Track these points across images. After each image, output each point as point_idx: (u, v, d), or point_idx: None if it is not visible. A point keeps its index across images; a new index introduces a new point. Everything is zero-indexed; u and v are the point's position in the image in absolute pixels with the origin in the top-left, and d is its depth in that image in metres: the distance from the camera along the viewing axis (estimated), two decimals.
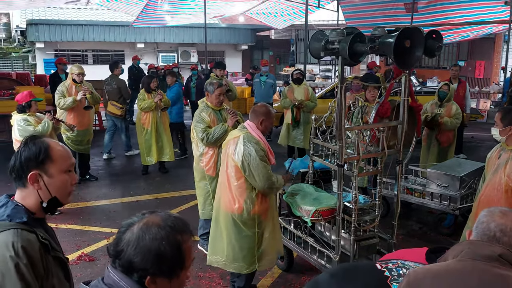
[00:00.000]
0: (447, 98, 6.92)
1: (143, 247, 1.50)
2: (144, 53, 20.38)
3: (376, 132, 4.30)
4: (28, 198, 1.95)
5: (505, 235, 1.80)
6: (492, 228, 1.83)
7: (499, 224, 1.82)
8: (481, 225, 1.87)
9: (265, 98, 10.63)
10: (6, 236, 1.81)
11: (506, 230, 1.81)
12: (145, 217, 1.57)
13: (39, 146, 1.93)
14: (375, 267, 1.99)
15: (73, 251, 5.31)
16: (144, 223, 1.54)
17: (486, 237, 1.83)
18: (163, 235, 1.52)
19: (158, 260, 1.51)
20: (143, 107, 8.03)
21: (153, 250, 1.50)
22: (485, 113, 13.93)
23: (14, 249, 1.78)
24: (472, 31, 13.33)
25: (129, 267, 1.51)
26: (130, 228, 1.55)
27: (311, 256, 4.51)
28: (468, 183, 5.65)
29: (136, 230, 1.53)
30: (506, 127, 3.82)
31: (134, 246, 1.50)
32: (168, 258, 1.52)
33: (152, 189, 7.76)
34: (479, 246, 1.81)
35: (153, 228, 1.53)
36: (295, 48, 26.30)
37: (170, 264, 1.54)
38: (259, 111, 4.04)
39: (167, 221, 1.57)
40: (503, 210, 1.90)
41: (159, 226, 1.54)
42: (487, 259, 1.75)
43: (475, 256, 1.77)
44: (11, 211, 1.89)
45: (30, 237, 1.85)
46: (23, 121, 5.99)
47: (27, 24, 18.81)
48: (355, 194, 4.08)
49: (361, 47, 3.54)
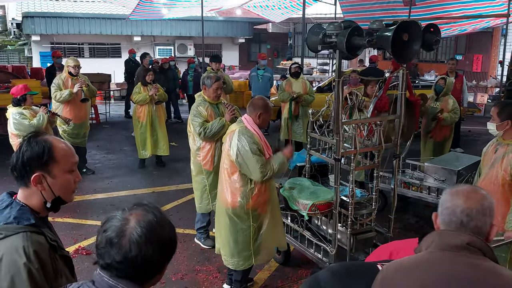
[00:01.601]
0: (443, 92, 6.92)
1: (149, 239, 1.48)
2: (140, 46, 20.27)
3: (373, 126, 4.30)
4: (32, 198, 1.89)
5: (472, 219, 1.75)
6: (458, 214, 1.77)
7: (464, 209, 1.76)
8: (447, 211, 1.81)
9: (262, 92, 10.59)
10: (16, 240, 1.76)
11: (472, 213, 1.75)
12: (128, 216, 1.53)
13: (42, 146, 1.86)
14: (377, 267, 1.97)
15: (70, 245, 5.31)
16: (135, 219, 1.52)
17: (454, 224, 1.78)
18: (149, 237, 1.50)
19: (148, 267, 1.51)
20: (138, 100, 8.00)
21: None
22: (482, 107, 13.96)
23: (26, 254, 1.73)
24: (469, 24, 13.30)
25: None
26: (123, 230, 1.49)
27: (308, 250, 4.51)
28: (465, 177, 5.66)
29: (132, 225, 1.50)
30: (503, 122, 3.81)
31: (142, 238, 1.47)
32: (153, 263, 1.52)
33: (149, 182, 7.75)
34: (447, 235, 1.77)
35: (134, 232, 1.49)
36: (292, 42, 26.23)
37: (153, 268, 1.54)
38: (257, 104, 4.02)
39: (146, 220, 1.52)
40: (466, 192, 1.82)
41: (143, 226, 1.50)
42: (456, 249, 1.72)
43: (444, 247, 1.74)
44: (17, 213, 1.83)
45: (40, 239, 1.81)
46: (18, 115, 5.96)
47: (23, 16, 18.67)
48: (352, 188, 4.08)
49: (358, 41, 3.52)
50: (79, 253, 5.14)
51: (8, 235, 1.77)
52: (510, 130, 3.82)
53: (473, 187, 1.88)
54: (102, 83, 13.40)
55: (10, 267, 1.73)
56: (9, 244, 1.75)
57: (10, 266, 1.73)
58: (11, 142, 6.12)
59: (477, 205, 1.76)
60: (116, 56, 20.57)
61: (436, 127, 6.94)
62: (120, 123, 12.81)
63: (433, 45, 3.83)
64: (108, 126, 12.48)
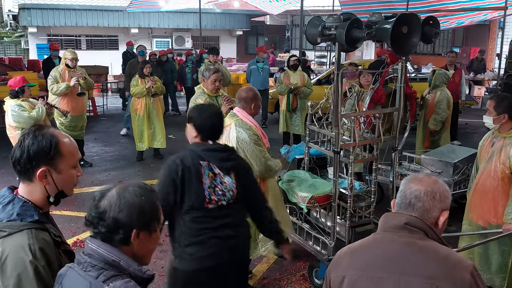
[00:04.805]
0: (432, 85, 6.87)
1: (125, 204, 1.62)
2: (138, 39, 20.20)
3: (372, 118, 4.30)
4: (35, 193, 1.87)
5: (419, 200, 1.82)
6: (407, 195, 1.85)
7: (413, 191, 1.84)
8: (400, 194, 1.89)
9: (262, 85, 10.59)
10: (21, 238, 1.75)
11: (420, 195, 1.82)
12: (117, 185, 1.70)
13: (49, 141, 1.84)
14: None
15: (68, 237, 5.31)
16: (120, 187, 1.68)
17: (403, 205, 1.85)
18: (141, 192, 1.67)
19: (140, 214, 1.64)
20: (135, 93, 7.99)
21: (136, 204, 1.63)
22: (480, 99, 13.97)
23: (32, 252, 1.73)
24: (467, 17, 13.29)
25: (115, 225, 1.62)
26: (106, 194, 1.66)
27: (306, 242, 4.52)
28: (461, 169, 5.67)
29: (114, 193, 1.65)
30: (500, 115, 3.80)
31: (117, 204, 1.62)
32: (148, 212, 1.66)
33: (147, 175, 7.74)
34: (390, 217, 1.87)
35: (130, 188, 1.67)
36: (290, 34, 26.17)
37: (150, 218, 1.68)
38: (248, 97, 3.96)
39: (138, 183, 1.73)
40: (420, 177, 1.90)
41: (134, 186, 1.69)
42: (395, 229, 1.81)
43: (386, 228, 1.85)
44: (21, 209, 1.81)
45: (45, 236, 1.81)
46: (17, 107, 5.94)
47: (20, 8, 18.56)
48: (350, 181, 4.09)
49: (358, 33, 3.52)
50: (78, 245, 5.15)
51: (12, 232, 1.76)
52: (506, 124, 3.81)
53: (430, 175, 1.94)
54: (99, 76, 13.34)
55: (16, 265, 1.72)
56: (14, 242, 1.74)
57: (16, 264, 1.72)
58: (9, 135, 6.10)
59: (426, 188, 1.83)
60: (114, 49, 20.50)
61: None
62: (117, 116, 12.76)
63: (432, 38, 3.83)
64: (106, 119, 12.45)
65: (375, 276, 1.76)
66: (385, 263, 1.77)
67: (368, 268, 1.79)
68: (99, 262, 1.61)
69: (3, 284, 1.73)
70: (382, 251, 1.80)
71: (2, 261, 1.72)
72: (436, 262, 1.70)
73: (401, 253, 1.75)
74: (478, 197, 3.99)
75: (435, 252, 1.73)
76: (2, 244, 1.74)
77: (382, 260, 1.78)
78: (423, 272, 1.69)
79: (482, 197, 3.94)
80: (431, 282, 1.67)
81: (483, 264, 4.01)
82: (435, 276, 1.68)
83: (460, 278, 1.67)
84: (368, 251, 1.85)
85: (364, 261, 1.83)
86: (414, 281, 1.69)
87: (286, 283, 4.56)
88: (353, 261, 1.86)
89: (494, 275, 3.96)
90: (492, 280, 3.97)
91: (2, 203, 1.83)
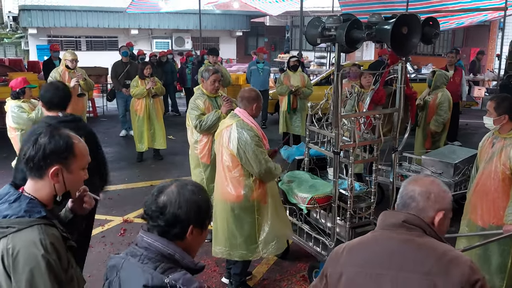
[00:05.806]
0: (432, 86, 6.86)
1: (185, 200, 1.71)
2: (138, 40, 20.20)
3: (372, 119, 4.30)
4: (42, 190, 1.93)
5: (413, 200, 1.86)
6: (403, 196, 1.90)
7: (409, 191, 1.89)
8: (399, 195, 1.94)
9: (262, 85, 10.59)
10: (32, 234, 1.78)
11: (414, 195, 1.87)
12: (174, 182, 1.78)
13: (66, 141, 1.94)
14: None
15: None
16: (178, 184, 1.76)
17: (401, 205, 1.91)
18: (198, 191, 1.77)
19: (197, 211, 1.73)
20: (135, 94, 8.00)
21: (194, 202, 1.73)
22: (480, 100, 13.95)
23: (44, 246, 1.77)
24: (467, 18, 13.28)
25: (173, 220, 1.70)
26: (164, 190, 1.74)
27: (306, 243, 4.52)
28: (462, 170, 5.66)
29: (174, 189, 1.73)
30: (500, 116, 3.80)
31: (177, 200, 1.70)
32: (204, 210, 1.76)
33: (147, 176, 7.74)
34: (388, 215, 1.92)
35: (188, 186, 1.76)
36: (290, 35, 26.16)
37: (204, 216, 1.77)
38: (250, 97, 3.99)
39: (194, 183, 1.82)
40: (419, 177, 1.95)
41: (192, 185, 1.78)
42: (393, 227, 1.85)
43: (384, 226, 1.89)
44: (28, 206, 1.85)
45: (54, 231, 1.85)
46: (17, 108, 5.93)
47: (20, 9, 18.54)
48: (351, 182, 4.09)
49: (358, 34, 3.52)
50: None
51: (21, 228, 1.79)
52: (506, 125, 3.81)
53: (429, 176, 1.99)
54: (99, 76, 13.34)
55: (28, 260, 1.75)
56: (25, 237, 1.77)
57: (29, 259, 1.75)
58: (9, 136, 6.09)
59: (421, 188, 1.87)
60: (114, 50, 20.46)
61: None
62: (117, 117, 12.72)
63: (432, 39, 3.83)
64: (106, 120, 12.45)
65: (374, 272, 1.79)
66: (384, 259, 1.80)
67: (367, 265, 1.82)
68: (156, 255, 1.67)
69: (15, 279, 1.75)
70: (380, 248, 1.83)
71: (13, 257, 1.75)
72: (433, 258, 1.72)
73: (399, 250, 1.78)
74: (478, 198, 3.98)
75: (433, 249, 1.76)
76: (12, 240, 1.77)
77: (380, 257, 1.81)
78: (421, 268, 1.71)
79: (482, 198, 3.93)
80: (429, 278, 1.69)
81: (482, 264, 4.00)
82: (432, 272, 1.70)
83: (457, 274, 1.68)
84: (366, 248, 1.89)
85: (363, 258, 1.85)
86: (412, 277, 1.72)
87: (286, 284, 4.56)
88: (352, 258, 1.88)
89: (494, 275, 3.95)
90: (491, 280, 3.96)
91: (9, 200, 1.87)
